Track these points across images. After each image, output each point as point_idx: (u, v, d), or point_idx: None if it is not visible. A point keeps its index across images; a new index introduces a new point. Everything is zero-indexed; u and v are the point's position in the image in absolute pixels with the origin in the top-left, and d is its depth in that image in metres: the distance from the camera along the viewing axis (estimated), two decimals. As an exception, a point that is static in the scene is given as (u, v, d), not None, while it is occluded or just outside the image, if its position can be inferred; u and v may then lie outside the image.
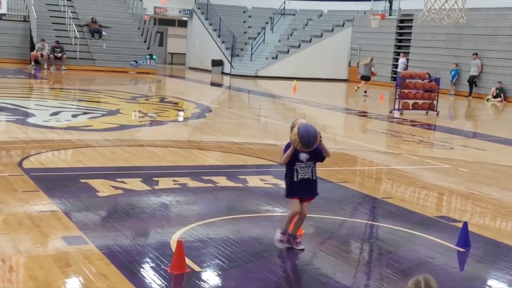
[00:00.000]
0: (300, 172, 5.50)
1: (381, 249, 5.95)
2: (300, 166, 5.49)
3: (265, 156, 10.23)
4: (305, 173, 5.50)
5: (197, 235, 5.90)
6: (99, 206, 6.74)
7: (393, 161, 10.65)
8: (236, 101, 21.99)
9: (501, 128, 16.87)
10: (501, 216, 7.29)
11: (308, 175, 5.51)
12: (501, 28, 25.08)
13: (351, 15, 32.94)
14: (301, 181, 5.50)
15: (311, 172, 5.53)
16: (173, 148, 10.56)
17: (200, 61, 35.27)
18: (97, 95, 19.02)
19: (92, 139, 10.95)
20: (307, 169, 5.51)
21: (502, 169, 10.35)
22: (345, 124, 17.00)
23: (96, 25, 30.29)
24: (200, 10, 35.44)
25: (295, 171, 5.50)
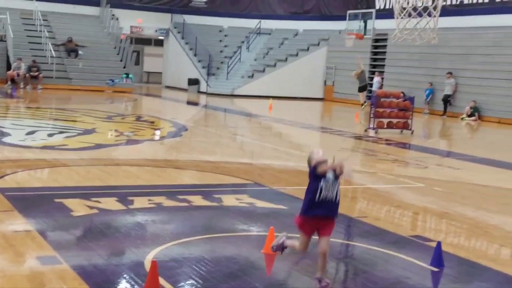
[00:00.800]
0: (323, 192, 5.08)
1: (356, 269, 5.96)
2: (326, 184, 5.09)
3: (241, 175, 10.23)
4: (326, 194, 5.08)
5: (172, 254, 5.87)
6: (73, 226, 6.67)
7: (368, 180, 10.71)
8: (212, 119, 22.00)
9: (476, 147, 17.06)
10: (476, 236, 7.35)
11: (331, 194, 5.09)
12: (475, 48, 25.45)
13: (327, 35, 33.22)
14: (323, 199, 5.08)
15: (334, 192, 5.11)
16: (149, 167, 10.51)
17: (176, 80, 35.26)
18: (73, 114, 18.90)
19: (67, 158, 10.87)
20: (330, 191, 5.09)
21: (477, 188, 10.46)
22: (321, 143, 17.07)
23: (72, 44, 30.19)
24: (177, 29, 35.50)
25: (319, 190, 5.08)
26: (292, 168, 11.38)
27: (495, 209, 8.86)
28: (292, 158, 12.81)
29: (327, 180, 5.07)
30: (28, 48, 29.19)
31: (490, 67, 24.67)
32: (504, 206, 9.21)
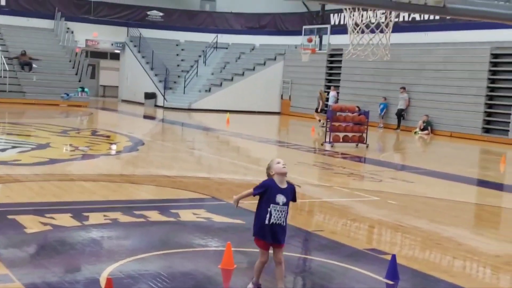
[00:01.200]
0: (274, 216, 5.12)
1: (313, 282, 5.99)
2: (275, 209, 5.12)
3: (198, 190, 10.20)
4: (276, 217, 5.13)
5: (128, 271, 5.81)
6: (27, 243, 6.55)
7: (324, 194, 10.80)
8: (169, 134, 21.90)
9: (429, 160, 17.37)
10: (429, 248, 7.48)
11: (280, 220, 5.15)
12: (427, 63, 25.99)
13: (283, 49, 33.50)
14: (272, 225, 5.14)
15: (283, 217, 5.17)
16: (105, 182, 10.40)
17: (133, 94, 35.02)
18: (27, 128, 18.59)
19: (20, 173, 10.67)
20: (280, 214, 5.15)
21: (430, 201, 10.64)
22: (278, 156, 17.12)
23: (26, 57, 29.75)
24: (133, 43, 35.31)
25: (268, 213, 5.13)
26: (250, 182, 11.38)
27: (447, 222, 9.03)
28: (250, 172, 12.84)
29: (277, 203, 5.13)
30: (-20, 62, 28.66)
31: (441, 82, 25.23)
32: (455, 218, 9.40)
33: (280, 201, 5.10)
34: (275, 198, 5.10)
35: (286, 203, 5.12)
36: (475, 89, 24.13)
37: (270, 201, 5.10)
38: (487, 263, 7.01)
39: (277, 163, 5.16)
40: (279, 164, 5.15)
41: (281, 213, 5.10)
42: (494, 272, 6.71)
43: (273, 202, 5.10)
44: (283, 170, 5.15)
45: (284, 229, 5.21)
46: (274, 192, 5.11)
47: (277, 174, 5.15)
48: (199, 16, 36.51)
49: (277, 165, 5.14)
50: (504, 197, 12.10)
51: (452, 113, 24.74)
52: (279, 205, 5.09)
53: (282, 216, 5.12)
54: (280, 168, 5.12)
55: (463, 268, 6.82)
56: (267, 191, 5.13)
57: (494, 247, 7.78)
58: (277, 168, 5.13)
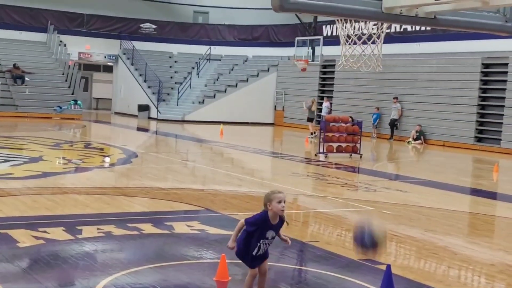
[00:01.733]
0: (261, 248, 5.24)
1: (308, 293, 5.96)
2: (264, 243, 5.23)
3: (192, 202, 10.17)
4: (264, 249, 5.27)
5: (122, 284, 5.77)
6: (19, 257, 6.50)
7: (319, 204, 10.79)
8: (163, 146, 21.87)
9: (422, 170, 17.39)
10: (424, 258, 7.47)
11: (264, 251, 5.29)
12: (419, 73, 26.11)
13: (276, 61, 33.58)
14: (258, 256, 5.28)
15: (267, 247, 5.32)
16: (98, 195, 10.36)
17: (126, 106, 35.01)
18: (19, 142, 18.54)
19: (13, 187, 10.61)
20: (267, 246, 5.29)
21: (424, 210, 10.64)
22: (272, 167, 17.15)
23: (18, 70, 29.72)
24: (126, 56, 35.33)
25: (257, 247, 5.22)
26: (244, 194, 11.38)
27: (441, 231, 9.03)
28: (244, 183, 12.82)
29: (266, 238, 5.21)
30: (-28, 75, 28.61)
31: (434, 92, 25.34)
32: (450, 227, 9.40)
33: (270, 236, 5.20)
34: (265, 234, 5.18)
35: (274, 237, 5.25)
36: (467, 99, 24.24)
37: (261, 237, 5.18)
38: (482, 272, 7.01)
39: (278, 201, 5.08)
40: (280, 204, 5.09)
41: (267, 245, 5.26)
42: (489, 281, 6.70)
43: (263, 238, 5.18)
44: (281, 212, 5.14)
45: (266, 253, 5.34)
46: (266, 229, 5.16)
47: (273, 212, 5.13)
48: (192, 28, 36.58)
49: (277, 205, 5.09)
50: (498, 206, 12.11)
51: (444, 122, 24.84)
52: (268, 239, 5.20)
53: (268, 247, 5.29)
54: (279, 209, 5.10)
55: (458, 278, 6.81)
56: (259, 228, 5.16)
57: (489, 256, 7.77)
58: (276, 209, 5.10)
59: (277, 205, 5.07)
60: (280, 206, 5.07)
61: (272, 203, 5.08)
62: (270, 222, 5.14)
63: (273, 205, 5.07)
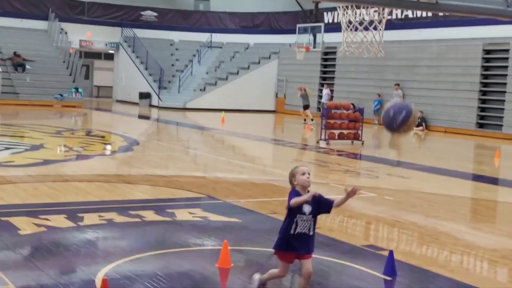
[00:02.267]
0: (299, 225, 4.97)
1: (311, 280, 5.95)
2: (301, 219, 4.97)
3: (194, 189, 10.16)
4: (304, 227, 4.98)
5: (124, 272, 5.76)
6: (20, 245, 6.49)
7: (320, 191, 10.67)
8: (164, 133, 21.85)
9: (424, 156, 17.37)
10: (426, 244, 7.46)
11: (305, 229, 4.99)
12: (421, 59, 26.02)
13: (277, 48, 33.47)
14: (298, 234, 4.98)
15: (309, 226, 5.01)
16: (100, 183, 10.34)
17: (128, 94, 34.95)
18: (20, 129, 18.52)
19: (14, 175, 10.60)
20: (306, 224, 4.99)
21: (426, 196, 10.63)
22: (274, 155, 17.13)
23: (19, 58, 29.64)
24: (127, 43, 35.23)
25: (294, 223, 4.97)
26: (246, 181, 11.36)
27: (444, 217, 9.02)
28: (245, 170, 12.80)
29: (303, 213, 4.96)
30: (-27, 63, 28.55)
31: (435, 78, 25.27)
32: (452, 213, 9.38)
33: (307, 210, 4.97)
34: (301, 208, 4.96)
35: (311, 212, 4.99)
36: (469, 85, 24.17)
37: (297, 212, 4.95)
38: (484, 257, 7.00)
39: (302, 174, 4.98)
40: (304, 176, 4.98)
41: (306, 222, 4.97)
42: (491, 266, 6.69)
43: (299, 213, 4.95)
44: (307, 184, 5.01)
45: (311, 239, 5.04)
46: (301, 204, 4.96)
47: (301, 187, 5.00)
48: (193, 16, 36.44)
49: (301, 177, 4.97)
50: (500, 191, 12.10)
51: (446, 108, 24.78)
52: (305, 214, 4.96)
53: (308, 225, 4.98)
54: (304, 181, 4.97)
55: (460, 263, 6.80)
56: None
57: (491, 241, 7.76)
58: (302, 181, 4.98)
59: (301, 177, 4.97)
60: (305, 177, 4.96)
61: (296, 177, 4.99)
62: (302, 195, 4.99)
63: (298, 179, 4.98)
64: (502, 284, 6.10)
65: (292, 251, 4.99)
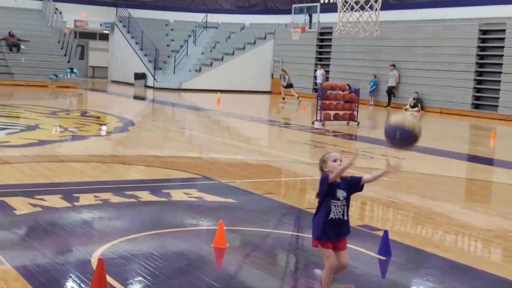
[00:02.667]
0: (333, 211, 4.78)
1: (306, 260, 5.99)
2: (336, 204, 4.78)
3: (190, 170, 10.16)
4: (338, 212, 4.79)
5: (119, 251, 5.77)
6: (16, 225, 6.50)
7: (316, 172, 10.72)
8: (159, 114, 21.81)
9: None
10: (421, 224, 7.49)
11: (339, 214, 4.80)
12: (417, 40, 25.95)
13: (273, 28, 33.33)
14: (332, 220, 4.79)
15: (342, 211, 4.81)
16: (95, 163, 10.33)
17: (123, 75, 34.82)
18: (15, 110, 18.45)
19: (9, 155, 10.58)
20: (340, 209, 4.80)
21: (422, 177, 10.66)
22: (269, 135, 17.13)
23: (14, 38, 29.45)
24: (122, 23, 35.03)
25: (328, 210, 4.77)
26: (241, 161, 11.37)
27: (439, 197, 9.05)
28: (241, 151, 12.80)
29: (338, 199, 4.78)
30: (-33, 43, 28.36)
31: (431, 59, 25.24)
32: (447, 193, 9.42)
33: (341, 196, 4.78)
34: (335, 193, 4.78)
35: (346, 197, 4.81)
36: (464, 66, 24.15)
37: (331, 197, 4.77)
38: (478, 237, 7.04)
39: (334, 160, 4.78)
40: (336, 162, 4.77)
41: (340, 207, 4.78)
42: (485, 245, 6.73)
43: (333, 198, 4.76)
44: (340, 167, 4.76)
45: (346, 223, 4.88)
46: (335, 187, 4.78)
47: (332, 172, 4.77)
48: (188, -4, 36.21)
49: (333, 164, 4.76)
50: (495, 172, 12.14)
51: (442, 89, 24.77)
52: (339, 200, 4.77)
53: (342, 210, 4.80)
54: (336, 167, 4.75)
55: (455, 243, 6.84)
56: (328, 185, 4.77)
57: (485, 221, 7.80)
58: (333, 168, 4.76)
59: (332, 163, 4.78)
60: (336, 163, 4.76)
61: (327, 163, 4.80)
62: (336, 180, 4.79)
63: (329, 165, 4.78)
64: (496, 264, 6.14)
65: (329, 240, 4.81)
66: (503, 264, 6.16)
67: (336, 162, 4.76)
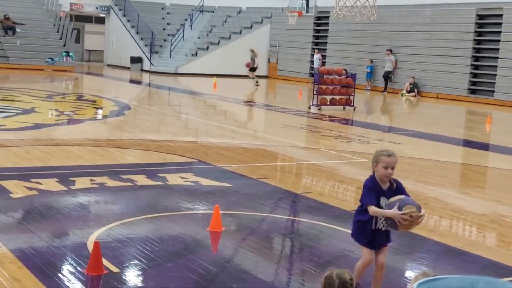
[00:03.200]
0: (377, 221, 4.50)
1: (301, 243, 6.02)
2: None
3: (185, 154, 10.16)
4: (381, 223, 4.50)
5: (115, 235, 5.80)
6: (12, 208, 6.51)
7: (312, 156, 10.81)
8: (156, 98, 21.77)
9: (415, 122, 17.41)
10: (416, 208, 7.51)
11: (382, 225, 4.51)
12: (414, 25, 25.88)
13: (269, 12, 33.19)
14: (378, 232, 4.54)
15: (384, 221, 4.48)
16: (91, 147, 10.33)
17: (119, 58, 34.68)
18: (11, 93, 18.39)
19: (5, 138, 10.57)
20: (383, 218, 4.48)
21: (417, 162, 10.68)
22: (265, 120, 17.13)
23: (9, 21, 29.28)
24: (118, 7, 34.84)
25: (374, 219, 4.49)
26: (237, 146, 11.37)
27: (433, 182, 9.08)
28: (237, 135, 12.81)
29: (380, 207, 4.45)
30: (-38, 26, 28.19)
31: (428, 44, 25.18)
32: (442, 178, 9.45)
33: (384, 204, 4.43)
34: (379, 201, 4.45)
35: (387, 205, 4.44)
36: (461, 51, 24.11)
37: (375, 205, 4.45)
38: (473, 221, 7.07)
39: (385, 167, 4.41)
40: (387, 170, 4.41)
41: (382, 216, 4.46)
42: (480, 230, 6.77)
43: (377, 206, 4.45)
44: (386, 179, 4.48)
45: (386, 232, 4.61)
46: (378, 194, 4.46)
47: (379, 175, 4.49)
48: (184, -21, 36.00)
49: (383, 170, 4.42)
50: (490, 157, 12.17)
51: (438, 74, 24.76)
52: (382, 208, 4.42)
53: (383, 219, 4.47)
54: (384, 175, 4.44)
55: (449, 227, 6.88)
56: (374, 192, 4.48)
57: (480, 206, 7.84)
58: (381, 174, 4.45)
59: (382, 170, 4.42)
60: (387, 172, 4.39)
61: (378, 165, 4.45)
62: (380, 186, 4.48)
63: (378, 168, 4.45)
64: (491, 248, 6.18)
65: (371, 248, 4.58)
66: (497, 249, 6.20)
67: (387, 171, 4.42)
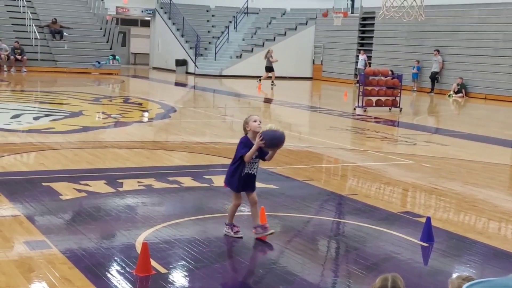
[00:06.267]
0: (247, 167, 5.80)
1: (347, 245, 5.99)
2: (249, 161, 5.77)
3: (231, 156, 10.14)
4: (249, 168, 5.81)
5: (163, 236, 5.86)
6: (62, 210, 6.64)
7: (357, 158, 10.73)
8: (201, 100, 21.93)
9: (463, 123, 17.13)
10: (464, 211, 7.40)
11: (252, 170, 5.83)
12: (461, 25, 25.47)
13: (314, 13, 33.09)
14: (246, 177, 5.81)
15: (255, 167, 5.87)
16: (138, 149, 10.47)
17: (164, 61, 35.07)
18: (59, 96, 18.77)
19: (54, 141, 10.80)
20: (253, 166, 5.84)
21: (464, 163, 10.51)
22: (310, 122, 17.08)
23: (57, 25, 29.89)
24: (163, 10, 35.23)
25: (243, 166, 5.80)
26: (282, 148, 11.33)
27: (482, 184, 8.92)
28: (281, 137, 12.78)
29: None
30: (11, 30, 28.84)
31: (476, 44, 24.73)
32: (490, 180, 9.27)
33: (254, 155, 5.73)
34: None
35: (257, 156, 5.75)
36: (510, 51, 23.61)
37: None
38: (523, 225, 6.92)
39: (254, 121, 5.71)
40: (256, 122, 5.71)
41: (252, 165, 5.81)
42: (531, 234, 6.62)
43: None
44: (258, 129, 5.66)
45: (255, 178, 5.90)
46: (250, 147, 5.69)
47: (252, 131, 5.71)
48: (229, -18, 36.18)
49: (253, 123, 5.71)
50: (541, 159, 11.89)
51: (486, 75, 24.29)
52: (252, 158, 5.73)
53: (254, 167, 5.84)
54: (255, 126, 5.69)
55: (498, 230, 6.74)
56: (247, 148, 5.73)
57: (531, 209, 7.66)
58: (253, 126, 5.71)
59: (253, 123, 5.71)
60: (256, 124, 5.70)
61: (249, 124, 5.73)
62: (251, 141, 5.72)
63: (250, 125, 5.72)
64: (542, 252, 6.04)
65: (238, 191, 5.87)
66: (549, 253, 6.05)
67: (256, 123, 5.71)
